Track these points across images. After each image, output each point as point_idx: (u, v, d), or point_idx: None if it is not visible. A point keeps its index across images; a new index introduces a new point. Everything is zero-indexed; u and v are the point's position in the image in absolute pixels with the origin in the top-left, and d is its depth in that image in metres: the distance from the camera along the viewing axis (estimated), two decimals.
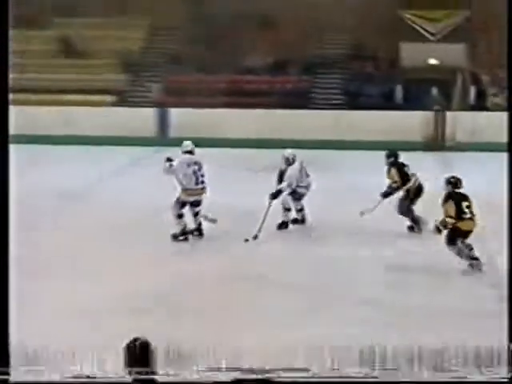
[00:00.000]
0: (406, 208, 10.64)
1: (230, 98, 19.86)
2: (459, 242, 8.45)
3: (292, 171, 10.43)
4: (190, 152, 10.17)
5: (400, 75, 19.26)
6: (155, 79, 20.69)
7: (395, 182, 10.58)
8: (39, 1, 21.46)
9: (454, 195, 8.44)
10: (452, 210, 8.30)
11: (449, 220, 8.31)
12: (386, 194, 10.58)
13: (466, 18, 17.94)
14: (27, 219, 9.51)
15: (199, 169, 10.27)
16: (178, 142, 17.10)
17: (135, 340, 3.67)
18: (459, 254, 8.45)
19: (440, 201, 8.55)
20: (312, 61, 20.96)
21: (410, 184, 10.61)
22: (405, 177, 10.65)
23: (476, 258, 8.37)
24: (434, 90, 17.47)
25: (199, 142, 16.18)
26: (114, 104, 20.54)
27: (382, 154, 15.12)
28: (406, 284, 8.08)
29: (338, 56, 21.19)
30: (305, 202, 11.03)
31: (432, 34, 19.00)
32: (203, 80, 20.55)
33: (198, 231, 10.04)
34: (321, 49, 21.07)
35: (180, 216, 10.07)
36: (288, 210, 10.54)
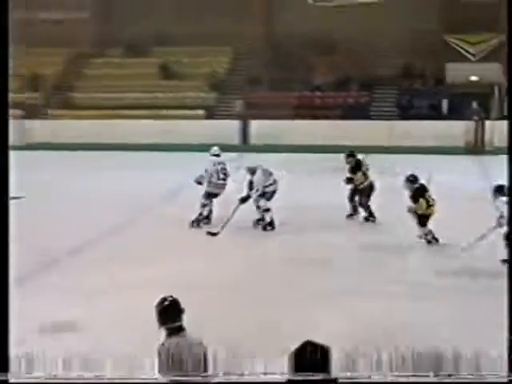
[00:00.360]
0: (353, 198, 11.59)
1: (301, 111, 21.57)
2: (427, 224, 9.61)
3: (256, 178, 10.86)
4: (217, 155, 11.28)
5: (445, 90, 20.62)
6: (238, 96, 22.61)
7: (351, 178, 11.43)
8: (144, 33, 23.43)
9: (421, 189, 9.58)
10: (424, 202, 9.33)
11: (422, 208, 9.33)
12: (352, 193, 11.46)
13: (501, 41, 18.89)
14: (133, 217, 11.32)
15: (223, 168, 11.26)
16: (257, 149, 18.85)
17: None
18: (426, 233, 9.53)
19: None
20: (370, 79, 22.20)
21: (367, 181, 11.41)
22: (365, 174, 11.58)
23: (434, 237, 9.43)
24: (475, 103, 18.66)
25: (274, 148, 18.53)
26: (204, 117, 22.40)
27: (431, 157, 16.38)
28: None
29: (391, 74, 22.52)
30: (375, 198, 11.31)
31: (472, 55, 20.51)
32: (278, 96, 22.32)
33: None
34: (377, 68, 22.31)
35: (204, 205, 10.99)
36: (267, 210, 10.91)
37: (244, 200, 10.69)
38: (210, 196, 11.07)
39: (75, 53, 25.88)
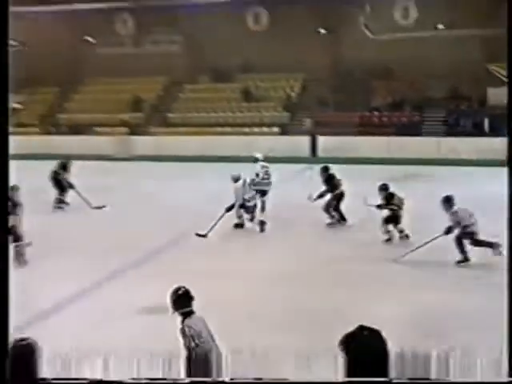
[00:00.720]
0: (331, 207, 12.28)
1: (361, 128, 22.84)
2: (392, 224, 10.85)
3: (236, 189, 11.66)
4: (262, 160, 12.86)
5: (487, 111, 21.33)
6: (308, 116, 24.08)
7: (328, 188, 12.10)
8: (228, 63, 25.71)
9: (390, 195, 11.07)
10: (391, 209, 10.92)
11: (387, 211, 10.85)
12: (319, 196, 12.17)
13: None
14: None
15: (266, 171, 12.58)
16: (324, 160, 18.37)
17: None
18: (387, 231, 10.85)
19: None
20: (421, 101, 23.22)
21: (338, 191, 12.18)
22: (334, 184, 12.26)
23: (405, 233, 10.77)
24: None
25: (339, 160, 19.32)
26: (279, 134, 23.97)
27: (474, 169, 17.43)
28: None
29: (440, 97, 23.28)
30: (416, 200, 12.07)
31: None
32: (342, 116, 23.53)
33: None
34: (427, 92, 23.36)
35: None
36: (240, 216, 11.71)
37: (229, 209, 11.55)
38: (257, 192, 12.14)
39: (171, 80, 27.71)
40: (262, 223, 11.69)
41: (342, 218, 12.03)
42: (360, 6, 24.39)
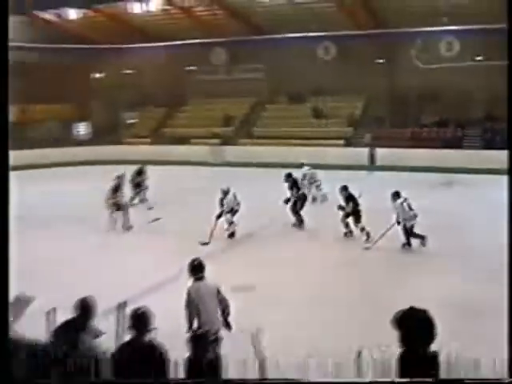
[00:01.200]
0: (295, 210, 12.70)
1: (412, 142, 24.19)
2: (351, 220, 11.28)
3: (228, 199, 11.92)
4: (306, 166, 14.94)
5: None
6: (367, 131, 25.70)
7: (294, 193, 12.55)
8: (302, 87, 28.11)
9: (349, 197, 11.43)
10: (349, 207, 11.34)
11: (349, 209, 11.24)
12: (286, 201, 12.85)
13: None
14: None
15: (311, 177, 14.55)
16: (381, 168, 21.37)
17: None
18: (347, 226, 11.49)
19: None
20: (462, 120, 24.60)
21: (301, 192, 12.78)
22: (298, 188, 12.83)
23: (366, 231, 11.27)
24: None
25: (393, 168, 21.54)
26: (344, 146, 25.77)
27: (503, 177, 19.20)
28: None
29: (478, 117, 24.58)
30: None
31: None
32: (396, 132, 25.21)
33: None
34: (468, 112, 24.87)
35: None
36: (231, 223, 11.99)
37: (219, 216, 11.81)
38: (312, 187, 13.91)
39: (256, 101, 30.45)
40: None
41: (300, 220, 12.85)
42: (412, 41, 26.19)
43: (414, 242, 11.21)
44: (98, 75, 33.47)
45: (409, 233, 10.70)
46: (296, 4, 26.23)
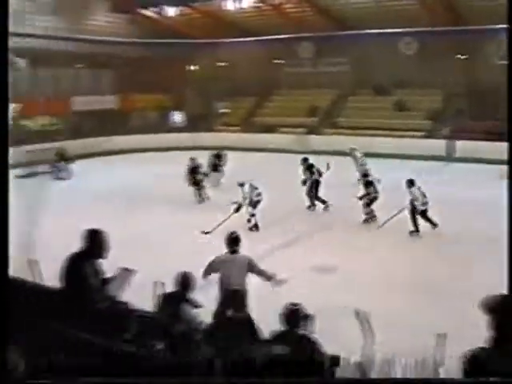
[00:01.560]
0: (311, 192, 13.56)
1: (489, 135, 23.97)
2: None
3: (246, 191, 12.14)
4: (359, 152, 16.40)
5: None
6: (447, 124, 26.64)
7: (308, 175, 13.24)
8: (386, 79, 29.00)
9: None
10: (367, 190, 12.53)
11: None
12: (304, 182, 13.64)
13: None
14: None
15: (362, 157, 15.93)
16: (459, 160, 22.75)
17: None
18: (367, 213, 12.49)
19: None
20: None
21: (314, 177, 13.46)
22: (312, 173, 13.48)
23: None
24: None
25: (470, 160, 22.67)
26: (423, 137, 26.56)
27: None
28: None
29: None
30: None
31: None
32: (473, 124, 25.76)
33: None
34: None
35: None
36: (253, 215, 12.14)
37: (238, 209, 11.94)
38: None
39: (340, 93, 31.53)
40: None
41: (313, 203, 13.64)
42: (490, 38, 26.73)
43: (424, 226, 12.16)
44: (193, 68, 35.80)
45: (422, 216, 11.62)
46: (379, 1, 27.60)
